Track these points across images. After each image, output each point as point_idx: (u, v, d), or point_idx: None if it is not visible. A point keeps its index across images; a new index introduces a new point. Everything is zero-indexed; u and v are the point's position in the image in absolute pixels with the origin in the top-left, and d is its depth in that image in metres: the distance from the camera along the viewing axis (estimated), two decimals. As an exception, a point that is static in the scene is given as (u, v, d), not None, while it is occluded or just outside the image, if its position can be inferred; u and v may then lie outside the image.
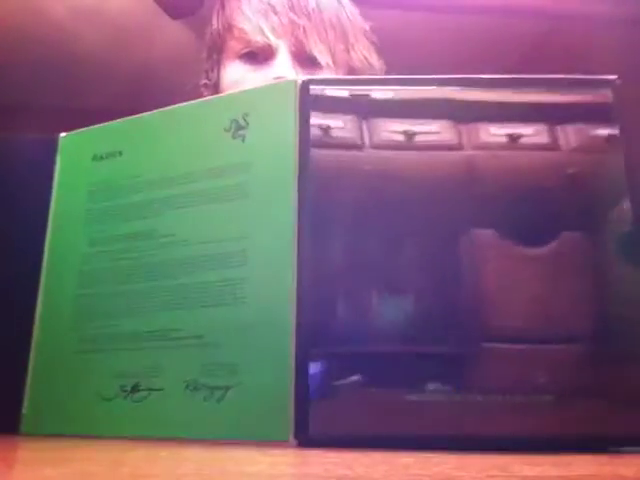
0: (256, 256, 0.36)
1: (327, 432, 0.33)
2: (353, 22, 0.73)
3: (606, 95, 0.37)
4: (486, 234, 0.36)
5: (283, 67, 0.66)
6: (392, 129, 0.38)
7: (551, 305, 0.34)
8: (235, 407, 0.34)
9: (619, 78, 0.37)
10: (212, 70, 0.75)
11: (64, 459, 0.28)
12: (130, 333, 0.38)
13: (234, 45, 0.71)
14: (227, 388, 0.35)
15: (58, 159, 0.45)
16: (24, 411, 0.40)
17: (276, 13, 0.68)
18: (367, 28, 0.75)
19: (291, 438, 0.32)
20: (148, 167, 0.41)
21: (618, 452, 0.29)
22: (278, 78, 0.64)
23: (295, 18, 0.67)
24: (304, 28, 0.67)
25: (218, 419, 0.34)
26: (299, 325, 0.34)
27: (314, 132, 0.38)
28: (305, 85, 0.38)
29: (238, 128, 0.39)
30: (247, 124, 0.39)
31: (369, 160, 0.38)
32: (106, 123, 0.44)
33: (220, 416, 0.34)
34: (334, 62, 0.69)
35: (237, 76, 0.70)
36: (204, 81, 0.76)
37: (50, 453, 0.30)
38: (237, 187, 0.38)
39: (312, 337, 0.34)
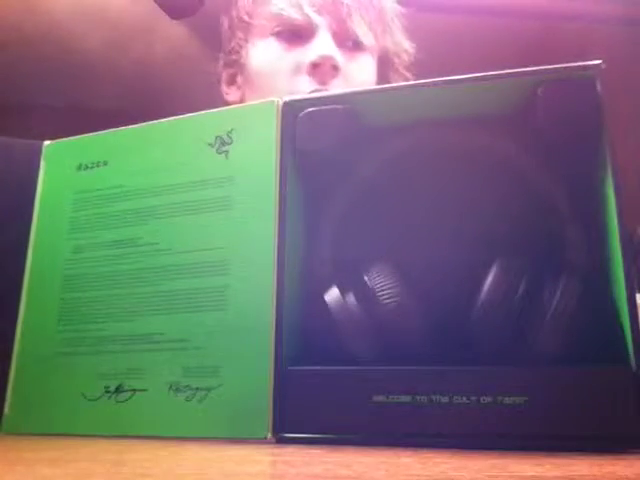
0: (237, 265, 0.38)
1: (304, 430, 0.34)
2: (390, 3, 0.70)
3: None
4: None
5: (324, 46, 0.62)
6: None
7: None
8: (216, 407, 0.36)
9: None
10: (239, 49, 0.70)
11: (64, 459, 0.28)
12: (114, 336, 0.40)
13: (266, 22, 0.67)
14: (209, 389, 0.36)
15: (42, 166, 0.46)
16: (6, 411, 0.41)
17: None
18: (401, 10, 0.72)
19: (269, 436, 0.34)
20: (133, 178, 0.42)
21: (618, 452, 0.29)
22: (321, 57, 0.61)
23: None
24: (347, 6, 0.63)
25: (199, 418, 0.36)
26: (278, 330, 0.36)
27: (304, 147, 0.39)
28: (287, 104, 0.40)
29: (222, 144, 0.41)
30: (231, 140, 0.40)
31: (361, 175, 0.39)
32: (91, 134, 0.45)
33: (201, 416, 0.36)
34: (375, 43, 0.66)
35: (271, 56, 0.66)
36: (224, 61, 0.72)
37: (50, 453, 0.30)
38: (220, 200, 0.40)
39: (290, 341, 0.36)
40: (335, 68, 0.62)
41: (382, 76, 0.71)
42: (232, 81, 0.73)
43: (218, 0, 0.77)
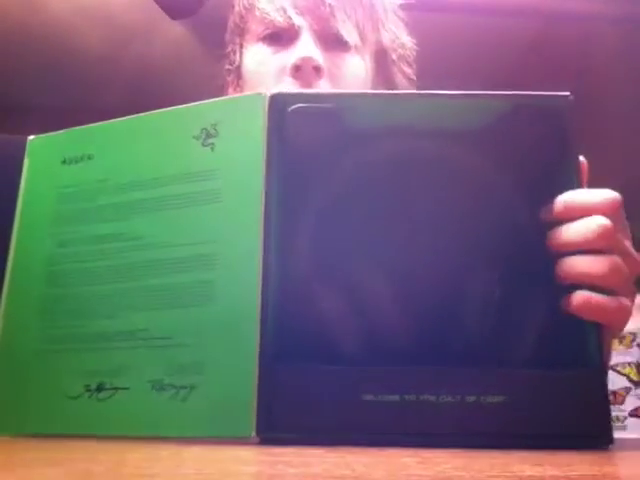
0: (224, 259, 0.37)
1: (289, 430, 0.34)
2: None
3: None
4: None
5: (306, 48, 0.62)
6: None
7: None
8: (200, 406, 0.35)
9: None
10: (234, 54, 0.71)
11: (64, 459, 0.28)
12: (96, 333, 0.39)
13: (256, 26, 0.67)
14: (192, 387, 0.35)
15: (26, 161, 0.45)
16: None
17: None
18: (397, 5, 0.71)
19: (254, 435, 0.33)
20: (118, 171, 0.42)
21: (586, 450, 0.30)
22: (301, 59, 0.61)
23: None
24: (330, 5, 0.63)
25: (183, 417, 0.35)
26: (263, 326, 0.35)
27: (289, 139, 0.39)
28: (274, 98, 0.40)
29: (208, 137, 0.40)
30: (217, 133, 0.40)
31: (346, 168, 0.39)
32: (76, 127, 0.44)
33: (185, 415, 0.35)
34: (362, 42, 0.66)
35: (259, 59, 0.67)
36: (227, 66, 0.73)
37: (49, 453, 0.30)
38: (206, 193, 0.39)
39: (276, 338, 0.36)
40: (317, 69, 0.63)
41: (383, 72, 0.71)
42: (234, 84, 0.74)
43: (218, 0, 0.77)
